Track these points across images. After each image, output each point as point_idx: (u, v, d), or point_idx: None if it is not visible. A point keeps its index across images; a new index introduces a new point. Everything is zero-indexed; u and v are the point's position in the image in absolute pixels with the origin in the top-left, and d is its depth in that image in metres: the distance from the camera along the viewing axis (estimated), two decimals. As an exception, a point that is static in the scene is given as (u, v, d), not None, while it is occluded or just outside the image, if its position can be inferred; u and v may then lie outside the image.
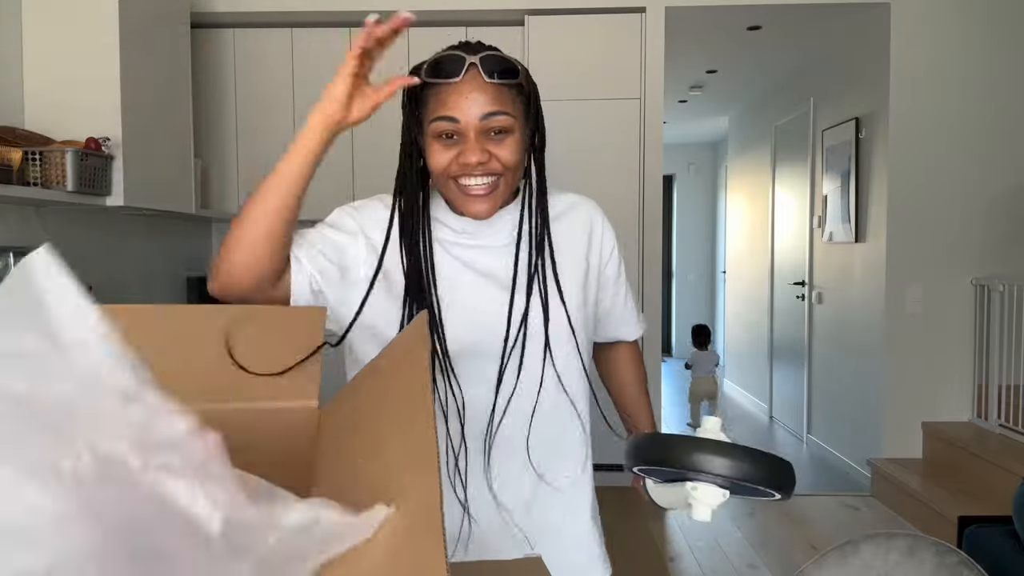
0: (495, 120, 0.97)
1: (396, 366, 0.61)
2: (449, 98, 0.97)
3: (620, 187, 3.79)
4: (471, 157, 0.96)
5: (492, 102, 0.97)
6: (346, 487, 0.52)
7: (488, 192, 0.99)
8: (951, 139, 3.78)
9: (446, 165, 0.98)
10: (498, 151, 0.98)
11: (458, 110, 0.96)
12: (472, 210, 1.00)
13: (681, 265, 8.66)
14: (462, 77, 0.97)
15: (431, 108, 0.98)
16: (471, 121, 0.96)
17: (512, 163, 0.99)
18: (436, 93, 0.98)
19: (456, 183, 0.99)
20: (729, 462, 0.84)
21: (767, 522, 3.59)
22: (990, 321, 3.70)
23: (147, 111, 2.94)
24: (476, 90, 0.97)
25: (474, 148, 0.96)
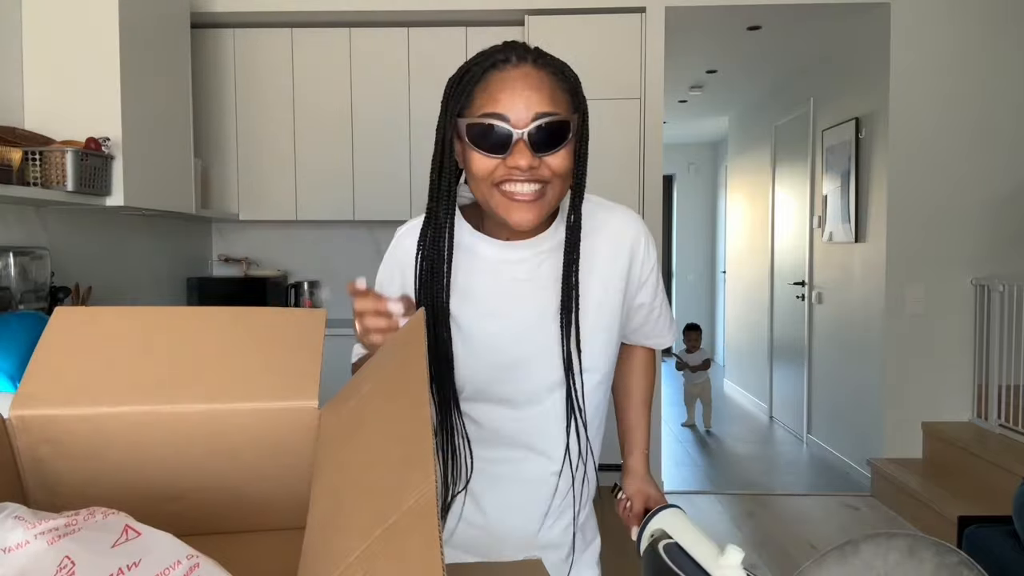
0: (549, 122, 0.87)
1: (395, 366, 0.61)
2: (499, 93, 0.87)
3: (620, 187, 3.79)
4: (520, 160, 0.86)
5: (547, 98, 0.88)
6: (345, 487, 0.52)
7: (535, 199, 0.89)
8: (951, 139, 3.78)
9: (491, 169, 0.88)
10: (550, 158, 0.88)
11: (509, 106, 0.86)
12: (516, 218, 0.90)
13: (681, 265, 8.65)
14: (516, 68, 0.88)
15: (478, 104, 0.88)
16: (523, 120, 0.86)
17: (563, 171, 0.90)
18: (483, 87, 0.88)
19: (500, 189, 0.90)
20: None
21: (767, 522, 3.59)
22: (990, 321, 3.70)
23: (147, 111, 2.94)
24: (530, 84, 0.87)
25: (524, 152, 0.86)
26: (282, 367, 0.67)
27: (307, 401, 0.65)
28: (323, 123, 3.91)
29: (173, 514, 0.67)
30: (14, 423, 0.62)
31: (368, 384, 0.64)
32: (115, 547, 0.46)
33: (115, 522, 0.48)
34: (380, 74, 3.87)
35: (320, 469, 0.61)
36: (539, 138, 0.87)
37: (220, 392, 0.65)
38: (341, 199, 3.93)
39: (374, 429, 0.55)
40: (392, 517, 0.42)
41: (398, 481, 0.45)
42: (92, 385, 0.64)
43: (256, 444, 0.66)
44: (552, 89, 0.88)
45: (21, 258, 2.52)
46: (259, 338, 0.71)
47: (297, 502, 0.67)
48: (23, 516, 0.47)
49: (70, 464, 0.63)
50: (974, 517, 2.63)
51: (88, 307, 0.73)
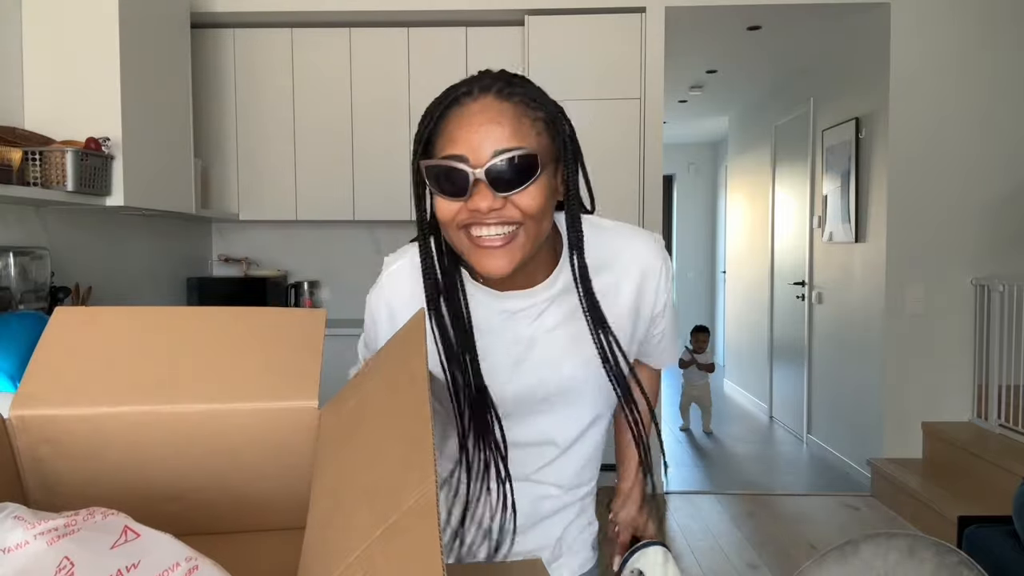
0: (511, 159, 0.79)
1: (395, 366, 0.61)
2: (456, 131, 0.80)
3: (620, 187, 3.79)
4: (480, 203, 0.79)
5: (508, 132, 0.80)
6: (345, 487, 0.52)
7: (505, 243, 0.81)
8: (951, 139, 3.78)
9: (455, 213, 0.81)
10: (517, 198, 0.80)
11: (466, 145, 0.79)
12: (487, 266, 0.82)
13: (681, 265, 8.65)
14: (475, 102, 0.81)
15: (436, 145, 0.83)
16: (481, 159, 0.79)
17: (534, 210, 0.81)
18: (442, 127, 0.82)
19: (467, 233, 0.82)
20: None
21: (767, 522, 3.59)
22: (990, 321, 3.70)
23: (147, 111, 2.94)
24: (490, 118, 0.80)
25: (484, 193, 0.79)
26: (282, 367, 0.67)
27: (307, 401, 0.65)
28: (323, 123, 3.91)
29: (173, 514, 0.67)
30: (14, 423, 0.62)
31: (368, 384, 0.64)
32: (114, 548, 0.46)
33: (114, 523, 0.48)
34: (380, 74, 3.87)
35: (320, 469, 0.61)
36: (500, 177, 0.79)
37: (220, 392, 0.65)
38: (341, 199, 3.93)
39: (374, 429, 0.55)
40: (392, 517, 0.42)
41: (398, 481, 0.45)
42: (92, 385, 0.64)
43: (256, 444, 0.66)
44: (516, 121, 0.80)
45: (21, 258, 2.52)
46: (259, 338, 0.71)
47: (297, 502, 0.67)
48: (23, 516, 0.47)
49: (70, 464, 0.63)
50: (974, 517, 2.63)
51: (88, 307, 0.73)
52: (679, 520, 3.61)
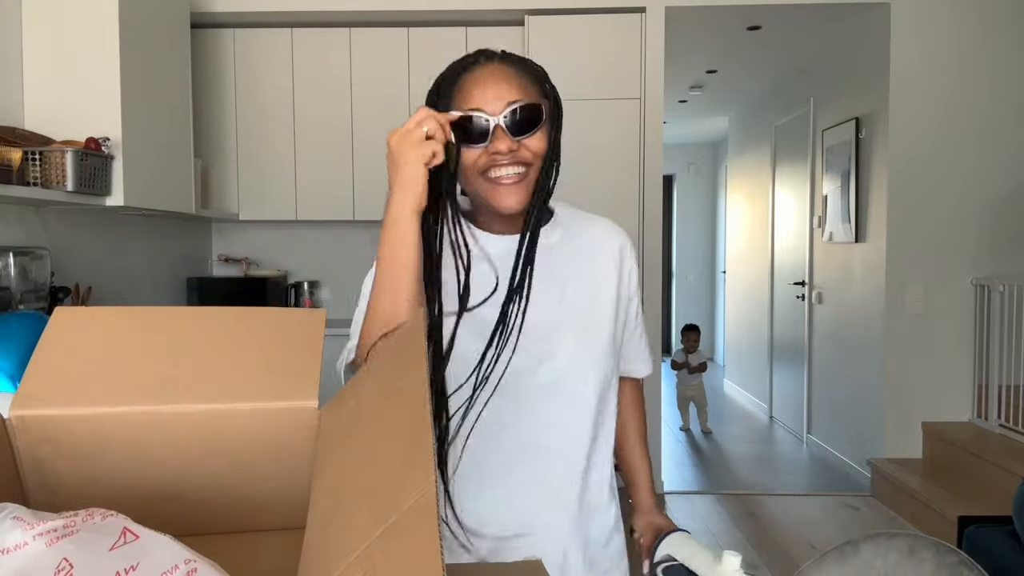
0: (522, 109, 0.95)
1: (394, 367, 0.61)
2: (473, 91, 0.95)
3: (620, 187, 3.79)
4: (499, 145, 0.93)
5: (516, 90, 0.95)
6: (345, 487, 0.52)
7: (519, 181, 0.96)
8: (951, 139, 3.78)
9: (475, 158, 0.95)
10: (528, 141, 0.95)
11: (482, 99, 0.94)
12: (504, 203, 0.96)
13: (681, 265, 8.65)
14: (484, 67, 0.96)
15: (455, 105, 0.96)
16: (498, 109, 0.94)
17: (542, 151, 0.97)
18: (458, 89, 0.96)
19: (486, 177, 0.96)
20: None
21: (767, 522, 3.59)
22: (990, 321, 3.70)
23: (147, 111, 2.94)
24: (500, 78, 0.95)
25: (502, 138, 0.94)
26: (282, 367, 0.67)
27: (307, 401, 0.65)
28: (323, 123, 3.91)
29: (173, 514, 0.67)
30: (14, 423, 0.62)
31: (368, 384, 0.64)
32: (113, 550, 0.46)
33: (113, 524, 0.48)
34: (380, 74, 3.87)
35: (320, 469, 0.61)
36: (515, 123, 0.94)
37: (220, 392, 0.65)
38: (341, 199, 3.93)
39: (374, 429, 0.55)
40: (392, 517, 0.42)
41: (398, 481, 0.45)
42: (92, 385, 0.64)
43: (256, 444, 0.66)
44: (520, 79, 0.96)
45: (21, 258, 2.52)
46: (259, 338, 0.71)
47: (297, 502, 0.67)
48: (22, 517, 0.47)
49: (70, 464, 0.63)
50: (974, 517, 2.63)
51: (88, 307, 0.73)
52: (679, 520, 3.61)
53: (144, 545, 0.47)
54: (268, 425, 0.65)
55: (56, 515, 0.49)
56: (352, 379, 0.69)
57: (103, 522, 0.48)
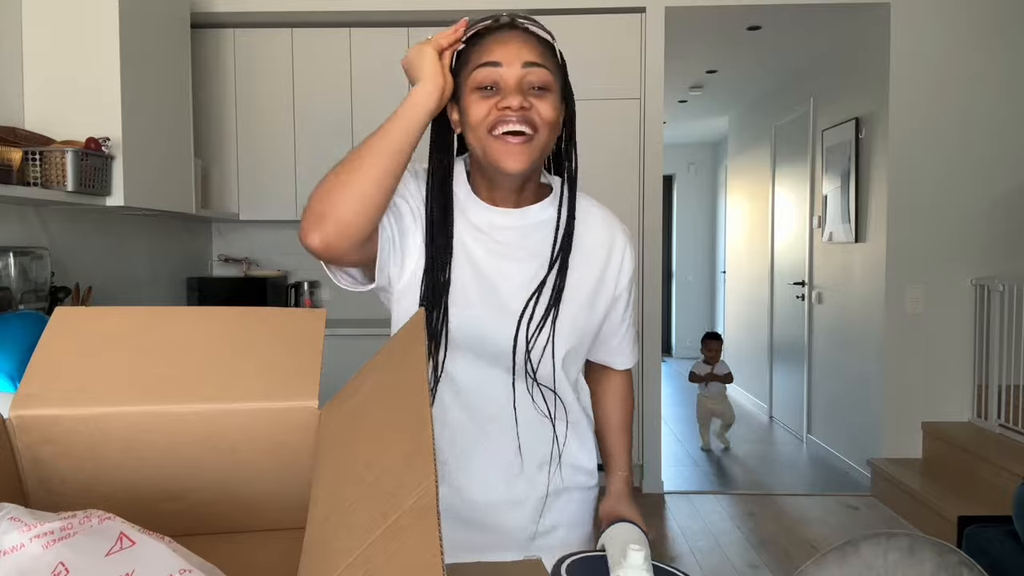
0: (537, 71, 0.97)
1: (394, 366, 0.61)
2: (493, 46, 0.97)
3: (620, 187, 3.79)
4: (511, 101, 0.95)
5: (533, 52, 0.97)
6: (345, 487, 0.52)
7: (525, 142, 0.97)
8: (951, 139, 3.78)
9: (485, 114, 0.97)
10: (538, 104, 0.97)
11: (502, 55, 0.96)
12: (508, 165, 0.97)
13: (681, 265, 8.65)
14: (506, 29, 0.98)
15: (472, 60, 0.98)
16: (514, 67, 0.96)
17: (550, 120, 0.98)
18: (479, 46, 0.98)
19: (492, 135, 0.97)
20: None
21: (767, 522, 3.59)
22: (990, 321, 3.70)
23: (147, 111, 2.94)
24: (520, 41, 0.97)
25: (514, 93, 0.95)
26: (282, 367, 0.67)
27: (307, 401, 0.65)
28: (323, 123, 3.91)
29: (173, 514, 0.67)
30: (14, 423, 0.62)
31: (368, 384, 0.64)
32: (109, 555, 0.46)
33: (111, 528, 0.48)
34: (379, 74, 3.87)
35: (320, 469, 0.61)
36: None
37: (220, 392, 0.65)
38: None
39: (374, 429, 0.55)
40: (392, 517, 0.42)
41: (398, 481, 0.45)
42: (92, 385, 0.64)
43: (256, 444, 0.66)
44: (539, 47, 0.98)
45: (21, 258, 2.52)
46: (259, 338, 0.71)
47: (297, 502, 0.67)
48: (19, 517, 0.47)
49: (70, 464, 0.63)
50: (974, 517, 2.63)
51: (88, 307, 0.73)
52: (679, 520, 3.61)
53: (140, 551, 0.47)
54: (268, 425, 0.65)
55: (54, 516, 0.49)
56: (352, 379, 0.69)
57: (100, 525, 0.48)
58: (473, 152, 1.02)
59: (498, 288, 1.03)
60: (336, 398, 0.67)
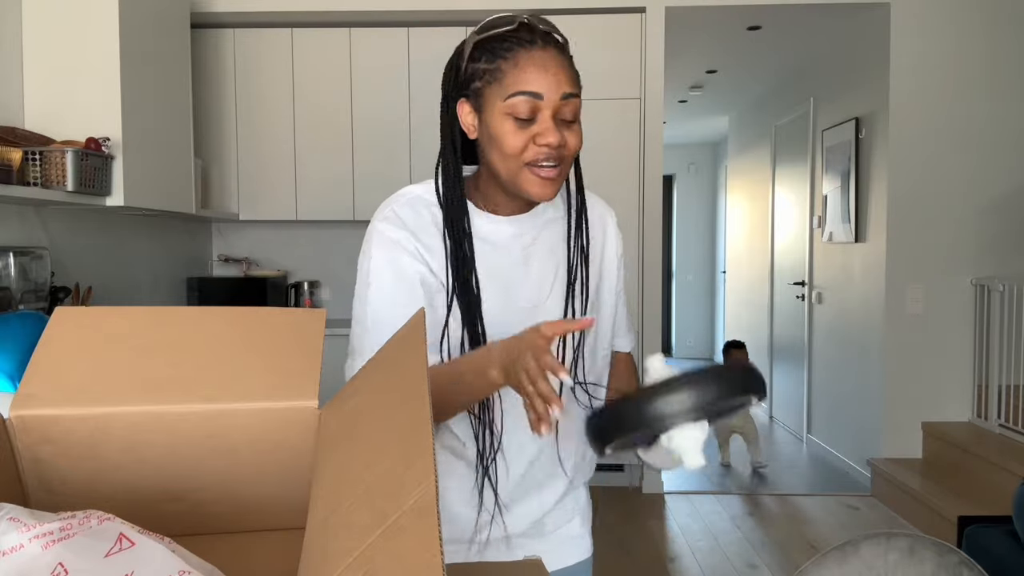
0: (572, 104, 0.93)
1: (395, 365, 0.61)
2: (532, 72, 0.90)
3: (620, 187, 3.79)
4: (551, 138, 0.90)
5: (571, 82, 0.92)
6: (345, 487, 0.52)
7: (556, 175, 0.94)
8: (951, 139, 3.78)
9: (522, 147, 0.91)
10: (569, 137, 0.93)
11: (542, 85, 0.90)
12: (539, 192, 0.94)
13: (681, 265, 8.65)
14: (543, 50, 0.91)
15: (508, 81, 0.91)
16: (553, 99, 0.91)
17: (576, 152, 0.96)
18: (513, 63, 0.91)
19: (524, 165, 0.93)
20: (686, 396, 0.77)
21: (767, 522, 3.59)
22: (990, 321, 3.70)
23: (147, 111, 2.94)
24: (557, 66, 0.91)
25: (553, 130, 0.91)
26: (282, 367, 0.67)
27: (307, 401, 0.65)
28: (323, 123, 3.91)
29: (173, 514, 0.67)
30: (14, 423, 0.62)
31: (368, 383, 0.64)
32: (108, 556, 0.46)
33: (110, 529, 0.48)
34: (380, 74, 3.87)
35: (320, 469, 0.60)
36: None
37: (220, 392, 0.65)
38: (341, 199, 3.93)
39: (374, 429, 0.55)
40: (392, 517, 0.42)
41: (398, 481, 0.45)
42: (92, 385, 0.64)
43: (256, 444, 0.66)
44: (572, 72, 0.94)
45: (21, 258, 2.52)
46: (259, 338, 0.71)
47: (297, 502, 0.67)
48: (18, 518, 0.47)
49: (70, 464, 0.63)
50: (974, 517, 2.63)
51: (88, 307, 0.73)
52: (679, 520, 3.61)
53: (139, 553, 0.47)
54: (268, 425, 0.65)
55: (54, 516, 0.49)
56: (352, 378, 0.69)
57: (100, 526, 0.48)
58: (493, 169, 0.97)
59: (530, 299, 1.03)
60: (336, 398, 0.66)
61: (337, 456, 0.57)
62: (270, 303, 3.95)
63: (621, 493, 3.89)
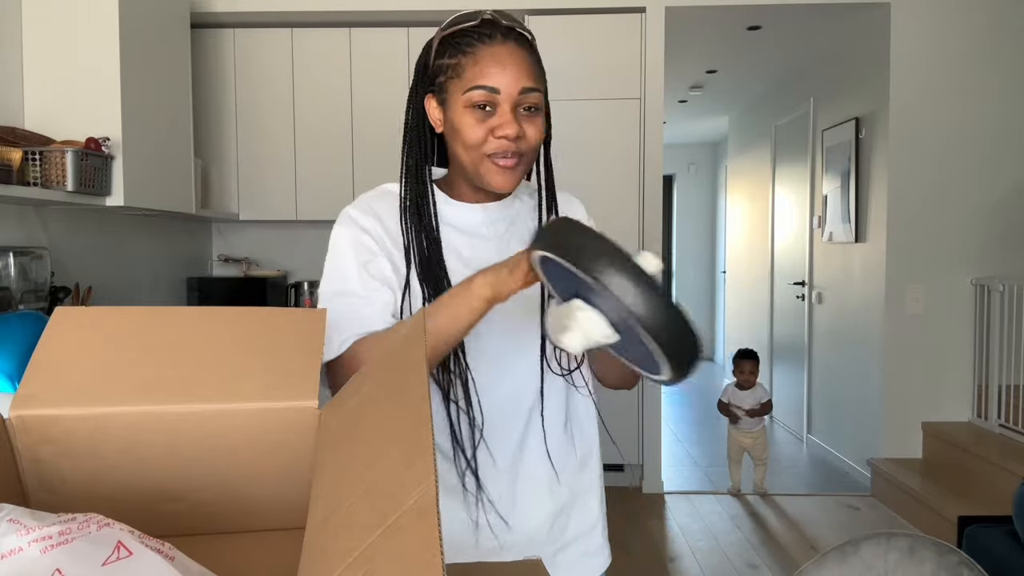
0: (531, 96, 0.96)
1: (395, 366, 0.61)
2: (489, 66, 0.94)
3: (620, 187, 3.79)
4: (508, 130, 0.94)
5: (530, 76, 0.96)
6: (345, 487, 0.52)
7: (515, 165, 0.98)
8: (951, 139, 3.78)
9: (482, 139, 0.95)
10: (528, 129, 0.96)
11: (499, 80, 0.93)
12: (500, 182, 0.98)
13: (681, 265, 8.65)
14: (503, 45, 0.95)
15: (467, 76, 0.95)
16: (511, 93, 0.94)
17: (537, 144, 0.99)
18: (474, 59, 0.95)
19: (484, 155, 0.97)
20: (634, 290, 0.66)
21: (767, 522, 3.59)
22: (990, 321, 3.70)
23: (147, 111, 2.94)
24: (516, 61, 0.95)
25: (511, 122, 0.94)
26: (282, 367, 0.67)
27: (307, 401, 0.65)
28: (323, 123, 3.91)
29: (173, 514, 0.67)
30: (14, 423, 0.62)
31: (368, 384, 0.64)
32: (105, 565, 0.46)
33: (109, 536, 0.48)
34: (380, 74, 3.87)
35: (320, 469, 0.61)
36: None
37: (220, 392, 0.65)
38: (341, 199, 3.90)
39: (374, 429, 0.55)
40: (392, 517, 0.42)
41: (398, 481, 0.45)
42: (92, 385, 0.64)
43: (256, 444, 0.66)
44: (533, 67, 0.97)
45: (21, 258, 2.52)
46: (259, 338, 0.71)
47: (297, 502, 0.67)
48: (18, 519, 0.47)
49: (70, 464, 0.63)
50: (974, 517, 2.63)
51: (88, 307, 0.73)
52: (679, 520, 3.61)
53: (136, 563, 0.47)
54: (268, 425, 0.65)
55: (54, 518, 0.49)
56: (352, 379, 0.69)
57: (98, 532, 0.48)
58: (458, 161, 1.01)
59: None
60: (336, 398, 0.66)
61: (337, 456, 0.57)
62: (270, 303, 3.95)
63: (621, 493, 3.89)
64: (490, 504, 1.03)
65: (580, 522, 1.11)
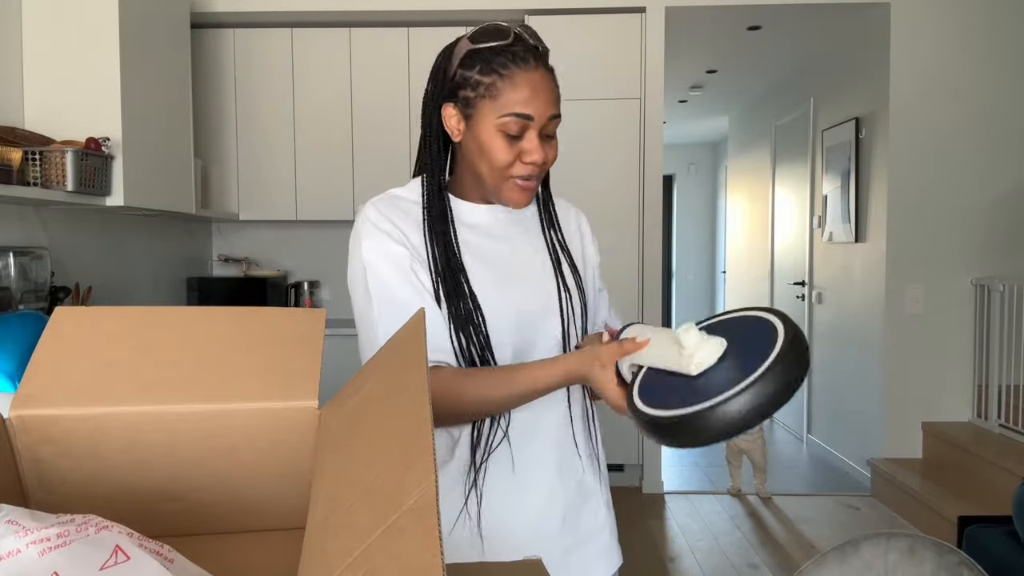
0: (554, 122, 1.00)
1: (395, 366, 0.61)
2: (526, 93, 0.96)
3: (620, 187, 3.79)
4: (537, 156, 0.98)
5: (556, 103, 1.00)
6: (345, 487, 0.52)
7: (535, 186, 1.03)
8: (951, 139, 3.78)
9: (511, 162, 0.99)
10: (550, 153, 1.01)
11: (535, 109, 0.97)
12: (520, 200, 1.02)
13: (681, 265, 8.65)
14: (536, 71, 0.98)
15: (504, 100, 0.96)
16: (542, 121, 0.98)
17: (553, 161, 1.04)
18: (511, 83, 0.96)
19: (510, 176, 1.00)
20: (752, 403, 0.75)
21: (767, 522, 3.59)
22: (990, 321, 3.70)
23: (147, 111, 2.94)
24: (548, 88, 0.99)
25: (539, 148, 0.98)
26: (282, 367, 0.67)
27: (307, 401, 0.65)
28: (323, 123, 3.91)
29: (173, 514, 0.67)
30: (14, 423, 0.62)
31: (368, 384, 0.64)
32: (103, 569, 0.46)
33: (107, 539, 0.48)
34: (380, 74, 3.87)
35: (320, 469, 0.61)
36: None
37: (220, 392, 0.65)
38: (341, 199, 3.93)
39: (374, 429, 0.55)
40: (392, 517, 0.42)
41: (398, 481, 0.45)
42: (92, 385, 0.64)
43: (256, 444, 0.66)
44: (556, 90, 1.01)
45: (21, 258, 2.52)
46: (259, 338, 0.71)
47: (297, 502, 0.67)
48: (16, 520, 0.47)
49: (70, 464, 0.63)
50: (974, 517, 2.63)
51: (88, 307, 0.73)
52: (679, 520, 3.61)
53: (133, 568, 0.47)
54: (268, 425, 0.65)
55: (53, 519, 0.49)
56: (352, 379, 0.69)
57: (97, 535, 0.48)
58: (477, 172, 1.02)
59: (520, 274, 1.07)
60: (336, 398, 0.66)
61: (337, 456, 0.57)
62: (270, 303, 3.95)
63: (621, 493, 3.89)
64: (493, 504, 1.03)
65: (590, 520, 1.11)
